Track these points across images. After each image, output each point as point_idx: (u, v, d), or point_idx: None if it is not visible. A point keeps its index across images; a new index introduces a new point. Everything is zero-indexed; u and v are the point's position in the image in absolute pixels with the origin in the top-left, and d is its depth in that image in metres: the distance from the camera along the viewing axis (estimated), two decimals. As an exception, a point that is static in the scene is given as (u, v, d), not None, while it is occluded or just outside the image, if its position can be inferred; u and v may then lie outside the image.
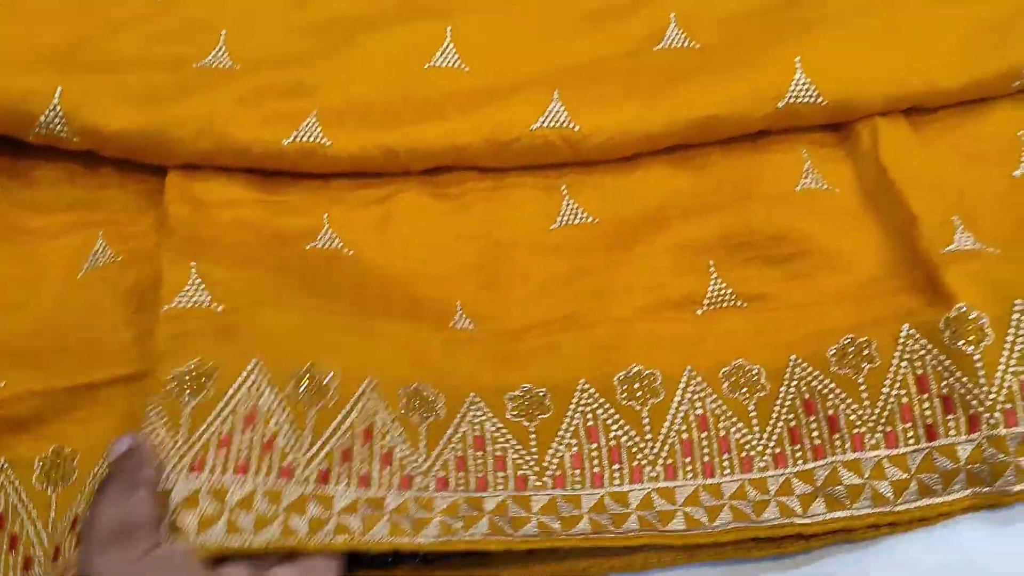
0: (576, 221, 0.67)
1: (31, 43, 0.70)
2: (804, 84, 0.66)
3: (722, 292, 0.63)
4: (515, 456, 0.58)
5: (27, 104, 0.64)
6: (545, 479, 0.57)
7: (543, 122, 0.66)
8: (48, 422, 0.59)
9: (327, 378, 0.56)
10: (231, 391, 0.54)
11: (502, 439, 0.58)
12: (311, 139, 0.66)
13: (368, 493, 0.54)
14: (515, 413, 0.59)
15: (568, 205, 0.68)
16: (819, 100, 0.66)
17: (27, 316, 0.63)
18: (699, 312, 0.62)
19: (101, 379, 0.60)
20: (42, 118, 0.64)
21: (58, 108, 0.64)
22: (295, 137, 0.66)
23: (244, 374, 0.55)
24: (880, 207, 0.65)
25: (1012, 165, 0.67)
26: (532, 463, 0.57)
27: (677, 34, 0.72)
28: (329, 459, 0.54)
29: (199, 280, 0.59)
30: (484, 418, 0.59)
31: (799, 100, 0.66)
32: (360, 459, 0.55)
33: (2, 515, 0.57)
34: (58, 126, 0.64)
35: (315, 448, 0.54)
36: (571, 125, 0.66)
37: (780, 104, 0.66)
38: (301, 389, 0.55)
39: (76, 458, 0.58)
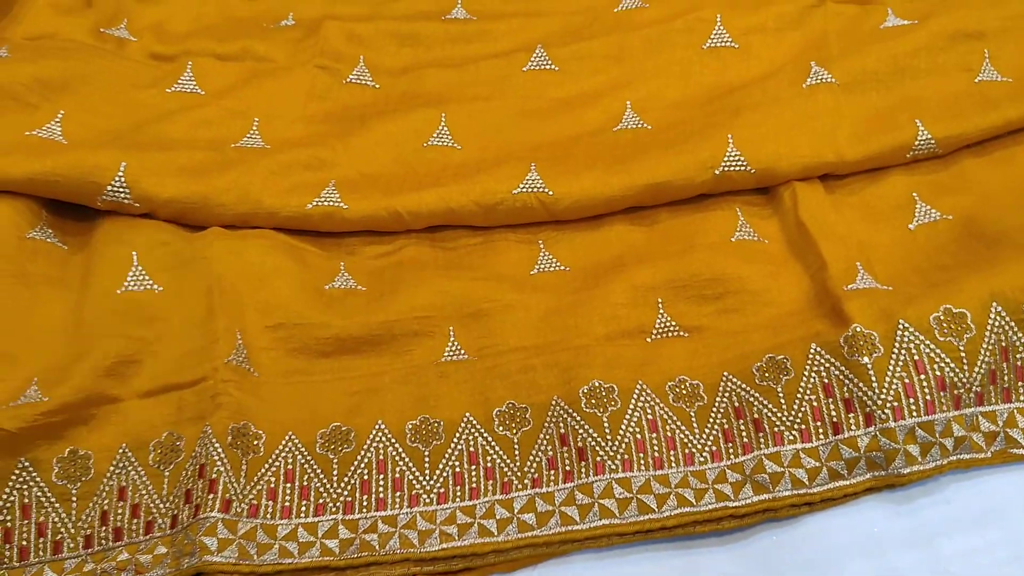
0: (551, 269, 0.81)
1: (99, 127, 0.84)
2: (735, 156, 0.81)
3: (668, 324, 0.76)
4: (501, 465, 0.70)
5: (96, 176, 0.78)
6: (526, 482, 0.69)
7: (522, 188, 0.80)
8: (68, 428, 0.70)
9: (349, 434, 0.71)
10: (274, 455, 0.70)
11: (492, 451, 0.70)
12: (330, 204, 0.80)
13: (385, 513, 0.68)
14: (501, 429, 0.71)
15: (544, 256, 0.82)
16: (748, 169, 0.81)
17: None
18: (649, 340, 0.75)
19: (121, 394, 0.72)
20: (108, 187, 0.78)
21: (122, 179, 0.78)
22: (317, 203, 0.81)
23: (284, 442, 0.70)
24: (799, 255, 0.79)
25: (907, 219, 0.81)
26: (515, 469, 0.70)
27: (632, 117, 0.87)
28: (352, 492, 0.69)
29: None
30: (477, 435, 0.71)
31: (732, 168, 0.81)
32: (378, 487, 0.69)
33: (27, 506, 0.68)
34: (121, 194, 0.78)
35: (340, 486, 0.69)
36: (545, 190, 0.80)
37: (716, 171, 0.81)
38: (327, 445, 0.71)
39: (91, 459, 0.69)
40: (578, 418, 0.70)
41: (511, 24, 0.96)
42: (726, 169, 0.81)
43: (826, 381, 0.70)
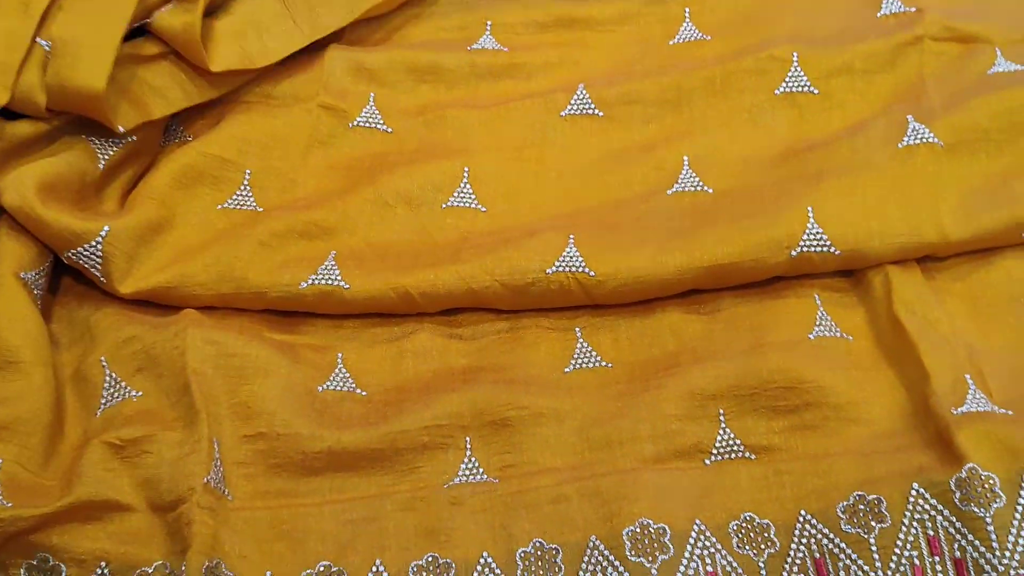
0: (590, 365, 0.68)
1: None
2: (817, 234, 0.67)
3: (731, 442, 0.63)
4: None
5: (75, 234, 0.67)
6: None
7: (558, 266, 0.67)
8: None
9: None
10: None
11: None
12: (329, 282, 0.68)
13: None
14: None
15: (582, 348, 0.69)
16: (832, 250, 0.67)
17: None
18: (707, 462, 0.62)
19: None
20: (82, 248, 0.67)
21: (100, 247, 0.67)
22: (313, 280, 0.68)
23: None
24: (893, 359, 0.65)
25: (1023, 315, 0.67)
26: None
27: (691, 178, 0.74)
28: None
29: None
30: None
31: (812, 249, 0.67)
32: None
33: None
34: (93, 260, 0.67)
35: None
36: (586, 270, 0.67)
37: (793, 253, 0.67)
38: None
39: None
40: (621, 569, 0.57)
41: (548, 57, 0.83)
42: (805, 249, 0.67)
43: (931, 534, 0.56)
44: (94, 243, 0.67)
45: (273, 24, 0.79)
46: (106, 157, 0.72)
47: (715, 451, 0.63)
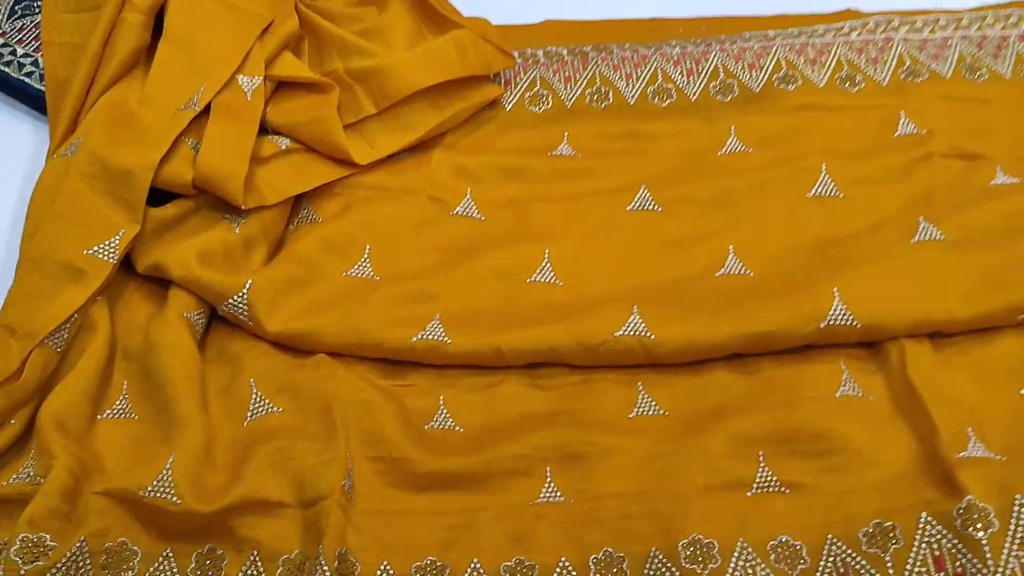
0: (650, 413, 0.80)
1: None
2: (842, 310, 0.80)
3: (769, 479, 0.75)
4: None
5: (226, 287, 0.83)
6: None
7: (624, 331, 0.81)
8: None
9: (444, 570, 0.71)
10: None
11: None
12: (435, 338, 0.82)
13: None
14: None
15: (643, 399, 0.81)
16: (854, 323, 0.80)
17: None
18: (749, 494, 0.74)
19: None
20: (231, 299, 0.83)
21: (244, 296, 0.83)
22: (421, 336, 0.82)
23: (379, 572, 0.71)
24: (906, 414, 0.77)
25: (1020, 384, 0.79)
26: None
27: (735, 263, 0.88)
28: None
29: None
30: None
31: (837, 323, 0.80)
32: None
33: None
34: (240, 308, 0.83)
35: None
36: (648, 335, 0.81)
37: (821, 325, 0.80)
38: None
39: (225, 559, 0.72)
40: (677, 574, 0.69)
41: (615, 163, 0.98)
42: (832, 322, 0.80)
43: (937, 553, 0.68)
44: (240, 294, 0.82)
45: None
46: (238, 227, 0.88)
47: (756, 485, 0.74)
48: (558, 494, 0.75)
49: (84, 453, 0.74)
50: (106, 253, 0.82)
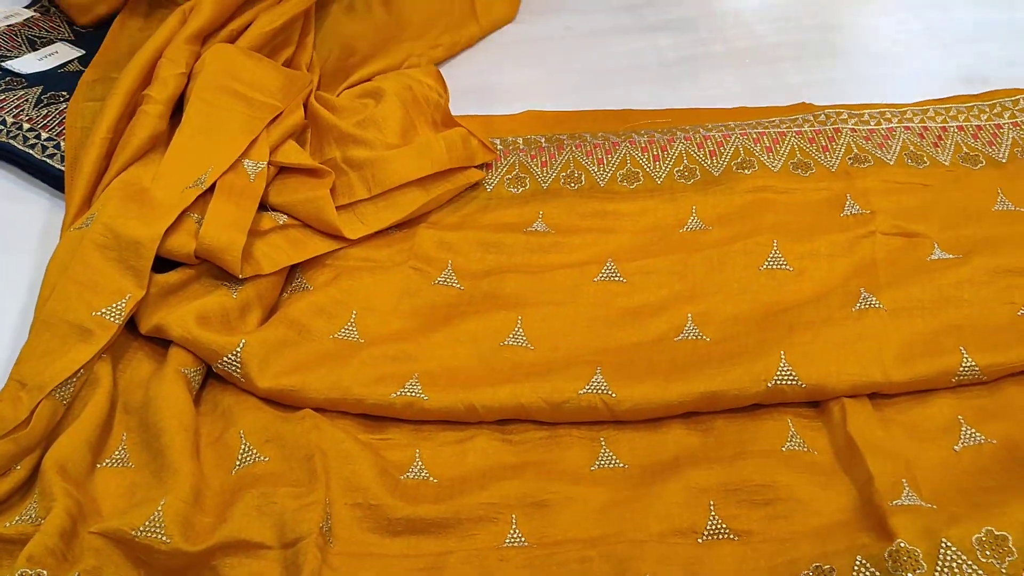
0: (610, 465, 0.86)
1: None
2: (787, 371, 0.87)
3: (719, 526, 0.80)
4: None
5: (221, 346, 0.90)
6: None
7: (588, 389, 0.87)
8: None
9: None
10: None
11: None
12: (412, 395, 0.89)
13: None
14: None
15: (605, 453, 0.87)
16: (799, 383, 0.87)
17: None
18: (700, 540, 0.79)
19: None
20: (226, 357, 0.90)
21: (238, 355, 0.90)
22: (400, 392, 0.89)
23: None
24: (846, 467, 0.83)
25: (952, 441, 0.85)
26: None
27: (692, 329, 0.95)
28: None
29: None
30: None
31: (783, 383, 0.87)
32: None
33: None
34: (234, 367, 0.90)
35: None
36: (609, 393, 0.87)
37: (768, 385, 0.87)
38: None
39: None
40: None
41: (585, 239, 1.07)
42: (778, 383, 0.87)
43: (870, 594, 0.73)
44: (234, 353, 0.89)
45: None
46: (236, 292, 0.96)
47: (706, 532, 0.80)
48: (522, 539, 0.80)
49: (83, 497, 0.80)
50: (113, 315, 0.89)
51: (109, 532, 0.77)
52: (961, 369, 0.87)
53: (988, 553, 0.72)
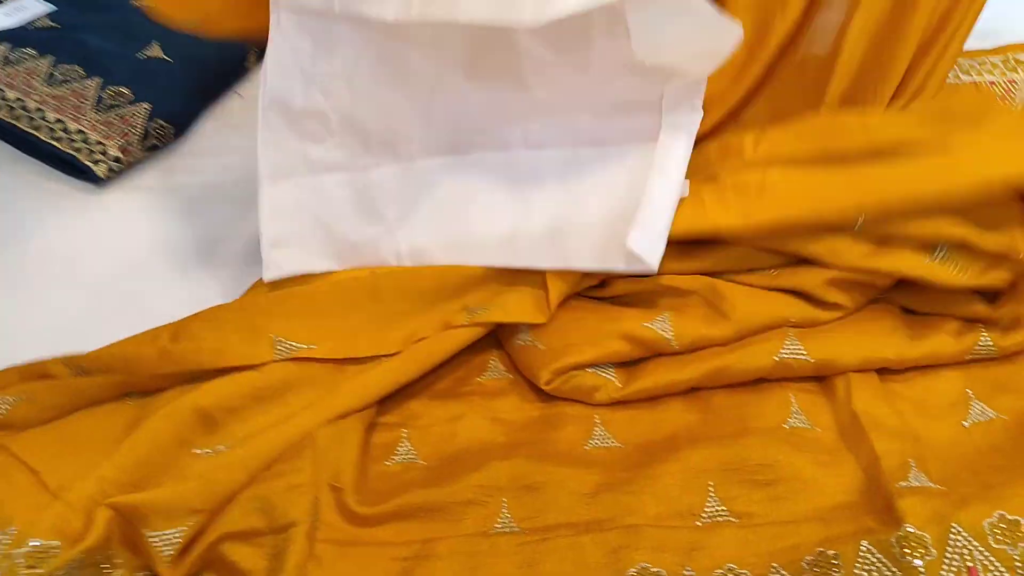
0: (606, 444, 0.83)
1: None
2: (795, 345, 0.83)
3: (718, 508, 0.77)
4: None
5: None
6: None
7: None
8: None
9: None
10: None
11: None
12: None
13: None
14: None
15: (600, 432, 0.84)
16: (807, 358, 0.83)
17: None
18: (698, 523, 0.76)
19: None
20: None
21: None
22: None
23: None
24: (851, 446, 0.80)
25: (962, 416, 0.82)
26: None
27: None
28: None
29: None
30: None
31: (790, 357, 0.83)
32: None
33: None
34: None
35: None
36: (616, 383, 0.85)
37: (775, 358, 0.83)
38: None
39: None
40: None
41: None
42: (784, 356, 0.83)
43: (877, 581, 0.70)
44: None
45: None
46: None
47: (705, 514, 0.77)
48: (512, 524, 0.77)
49: None
50: None
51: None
52: (977, 347, 0.84)
53: (1000, 539, 0.69)
